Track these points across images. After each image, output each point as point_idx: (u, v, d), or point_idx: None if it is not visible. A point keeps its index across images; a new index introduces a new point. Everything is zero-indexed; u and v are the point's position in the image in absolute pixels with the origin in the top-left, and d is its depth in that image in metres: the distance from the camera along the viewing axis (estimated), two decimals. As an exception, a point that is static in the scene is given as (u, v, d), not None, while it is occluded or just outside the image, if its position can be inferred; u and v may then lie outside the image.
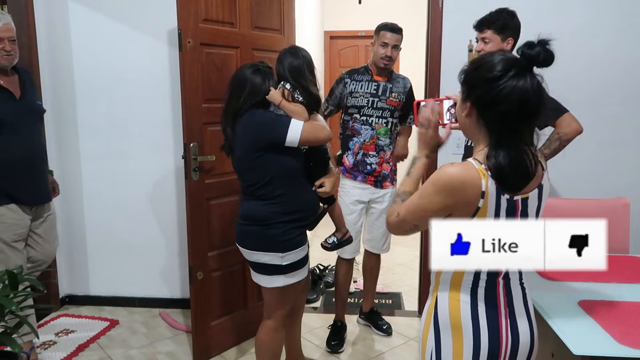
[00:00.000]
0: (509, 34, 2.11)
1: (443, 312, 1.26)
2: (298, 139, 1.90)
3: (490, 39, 2.12)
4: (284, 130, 1.90)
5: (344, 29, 6.04)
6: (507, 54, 1.18)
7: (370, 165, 2.74)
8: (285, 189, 1.97)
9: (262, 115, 1.95)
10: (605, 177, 2.90)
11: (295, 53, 2.06)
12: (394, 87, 2.77)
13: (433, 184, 1.17)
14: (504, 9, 2.13)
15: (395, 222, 1.28)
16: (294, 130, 1.90)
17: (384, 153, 2.76)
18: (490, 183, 1.13)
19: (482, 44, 2.14)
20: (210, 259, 2.62)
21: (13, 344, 1.94)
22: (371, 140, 2.73)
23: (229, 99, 2.01)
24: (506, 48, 2.10)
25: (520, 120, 1.13)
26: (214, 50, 2.52)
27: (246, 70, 1.99)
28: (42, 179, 2.52)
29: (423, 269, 3.17)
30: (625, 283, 1.84)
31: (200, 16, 2.43)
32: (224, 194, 2.63)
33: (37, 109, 2.52)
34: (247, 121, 1.94)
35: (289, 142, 1.91)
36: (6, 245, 2.38)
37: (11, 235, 2.39)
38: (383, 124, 2.74)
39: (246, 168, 2.00)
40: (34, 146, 2.45)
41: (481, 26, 2.14)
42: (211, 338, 2.66)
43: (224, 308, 2.72)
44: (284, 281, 2.01)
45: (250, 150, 1.94)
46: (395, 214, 1.27)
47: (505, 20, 2.10)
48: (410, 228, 1.26)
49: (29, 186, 2.42)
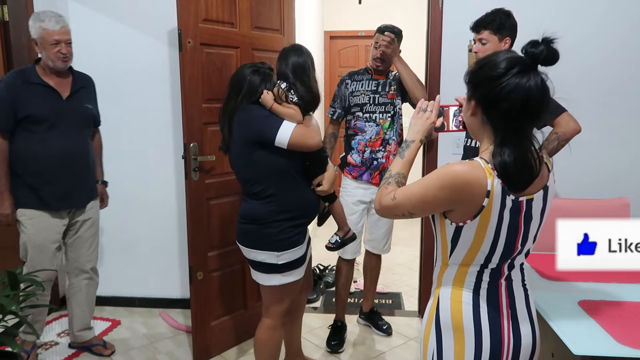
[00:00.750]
0: (506, 34, 2.11)
1: (445, 313, 1.26)
2: (287, 142, 1.90)
3: (488, 40, 2.12)
4: (274, 129, 1.91)
5: (344, 29, 6.04)
6: (512, 53, 1.18)
7: (377, 160, 2.75)
8: (278, 188, 1.97)
9: (256, 111, 1.95)
10: (605, 177, 2.91)
11: (300, 50, 2.08)
12: (393, 81, 2.80)
13: (439, 179, 1.17)
14: (500, 9, 2.14)
15: (389, 205, 1.25)
16: (283, 132, 1.90)
17: (390, 146, 2.76)
18: (497, 183, 1.13)
19: (479, 45, 2.14)
20: (210, 259, 2.62)
21: (13, 344, 1.95)
22: (377, 136, 2.74)
23: (227, 98, 2.02)
24: (504, 48, 2.10)
25: (523, 118, 1.13)
26: (214, 50, 2.52)
27: (245, 70, 2.00)
28: (80, 182, 2.49)
29: (423, 269, 3.17)
30: (625, 283, 1.84)
31: (200, 16, 2.43)
32: (224, 194, 2.63)
33: (85, 112, 2.50)
34: (242, 117, 1.96)
35: (278, 143, 1.91)
36: (36, 248, 2.39)
37: (40, 239, 2.39)
38: (387, 118, 2.75)
39: (240, 165, 2.02)
40: (74, 148, 2.44)
41: (477, 27, 2.14)
42: (211, 338, 2.66)
43: (224, 308, 2.72)
44: (280, 280, 2.02)
45: (244, 146, 1.96)
46: (391, 196, 1.24)
47: (502, 20, 2.10)
48: (403, 214, 1.24)
49: (61, 187, 2.41)
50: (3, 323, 2.01)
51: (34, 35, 2.32)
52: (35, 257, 2.40)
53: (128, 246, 3.27)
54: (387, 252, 2.99)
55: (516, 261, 1.25)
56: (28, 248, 2.40)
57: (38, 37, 2.31)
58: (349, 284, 2.94)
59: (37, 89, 2.34)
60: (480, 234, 1.17)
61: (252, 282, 2.15)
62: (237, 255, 2.22)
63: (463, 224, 1.18)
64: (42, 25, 2.29)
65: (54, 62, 2.33)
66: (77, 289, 2.63)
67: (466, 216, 1.16)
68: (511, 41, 2.12)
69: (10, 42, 2.90)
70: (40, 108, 2.32)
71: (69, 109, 2.41)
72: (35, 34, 2.31)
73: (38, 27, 2.29)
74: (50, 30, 2.29)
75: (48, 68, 2.37)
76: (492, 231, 1.17)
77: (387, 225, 2.88)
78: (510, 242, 1.20)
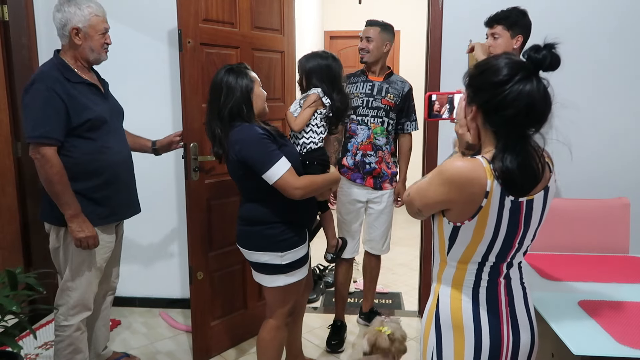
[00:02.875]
0: (518, 31, 2.13)
1: (444, 311, 1.26)
2: (273, 182, 1.87)
3: (500, 35, 2.14)
4: (266, 166, 1.85)
5: (344, 29, 6.04)
6: (513, 57, 1.17)
7: (370, 165, 2.74)
8: (276, 193, 1.94)
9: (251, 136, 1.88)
10: (605, 177, 2.91)
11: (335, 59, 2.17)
12: (391, 87, 2.78)
13: (440, 174, 1.17)
14: (516, 7, 2.17)
15: (406, 202, 1.32)
16: (273, 172, 1.85)
17: (382, 152, 2.76)
18: (496, 184, 1.13)
19: (491, 40, 2.16)
20: (210, 259, 2.62)
21: (13, 344, 1.94)
22: (368, 140, 2.74)
23: (209, 104, 1.98)
24: (515, 45, 2.13)
25: (526, 125, 1.13)
26: (214, 51, 2.52)
27: (220, 73, 1.97)
28: (135, 187, 2.33)
29: (423, 269, 3.17)
30: (625, 283, 1.84)
31: (200, 16, 2.43)
32: (224, 194, 2.63)
33: (120, 108, 2.29)
34: (237, 137, 1.90)
35: (265, 177, 1.87)
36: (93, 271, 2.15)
37: (100, 260, 2.17)
38: (379, 124, 2.75)
39: (237, 177, 2.01)
40: (127, 150, 2.25)
41: (492, 22, 2.17)
42: (211, 338, 2.66)
43: (224, 308, 2.72)
44: (285, 280, 2.02)
45: (238, 164, 1.93)
46: (407, 192, 1.30)
47: (516, 17, 2.13)
48: (415, 211, 1.29)
49: (126, 197, 2.24)
50: (3, 323, 2.01)
51: (78, 23, 2.01)
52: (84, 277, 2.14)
53: (128, 246, 3.25)
54: (386, 252, 2.99)
55: (515, 260, 1.26)
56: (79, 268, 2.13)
57: (85, 25, 2.01)
58: (348, 283, 2.94)
59: (83, 89, 2.05)
60: (478, 233, 1.18)
61: (252, 282, 2.16)
62: (237, 256, 2.21)
63: (461, 224, 1.18)
64: (90, 10, 2.01)
65: (98, 54, 2.08)
66: (103, 307, 2.44)
67: (464, 216, 1.16)
68: (523, 39, 2.14)
69: (10, 42, 2.91)
70: (97, 109, 2.06)
71: (113, 107, 2.20)
72: (82, 21, 2.01)
73: (86, 12, 2.01)
74: (101, 16, 2.05)
75: (84, 61, 2.08)
76: (490, 231, 1.17)
77: (384, 225, 2.88)
78: (509, 241, 1.20)
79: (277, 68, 2.85)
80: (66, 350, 2.17)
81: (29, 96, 1.95)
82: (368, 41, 2.75)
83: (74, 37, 2.03)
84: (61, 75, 2.00)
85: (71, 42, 2.05)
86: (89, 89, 2.09)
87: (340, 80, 2.17)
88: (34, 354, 2.70)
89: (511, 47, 2.12)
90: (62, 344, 2.17)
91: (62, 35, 2.05)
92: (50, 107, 1.93)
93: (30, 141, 1.95)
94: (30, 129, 1.94)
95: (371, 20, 2.84)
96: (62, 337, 2.16)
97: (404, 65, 6.01)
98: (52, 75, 1.98)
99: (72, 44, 2.05)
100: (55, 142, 1.96)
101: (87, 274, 2.13)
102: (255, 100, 1.97)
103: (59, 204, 1.99)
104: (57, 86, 1.95)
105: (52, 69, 2.01)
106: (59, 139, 1.96)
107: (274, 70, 2.82)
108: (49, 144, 1.94)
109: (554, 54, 1.11)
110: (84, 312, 2.18)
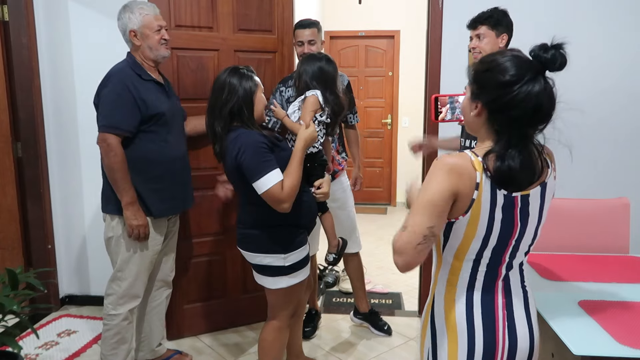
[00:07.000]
0: (503, 30, 2.13)
1: (439, 311, 1.26)
2: (262, 192, 1.85)
3: (485, 35, 2.13)
4: (257, 175, 1.83)
5: (344, 29, 6.04)
6: (519, 54, 1.14)
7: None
8: None
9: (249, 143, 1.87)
10: (605, 177, 2.91)
11: (329, 59, 2.16)
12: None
13: (439, 169, 1.14)
14: (496, 8, 2.17)
15: (404, 241, 1.13)
16: (263, 183, 1.83)
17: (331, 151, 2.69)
18: (485, 177, 1.13)
19: (476, 41, 2.16)
20: (185, 246, 2.70)
21: (13, 344, 1.95)
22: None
23: (210, 103, 1.99)
24: (501, 44, 2.13)
25: (531, 125, 1.13)
26: (187, 54, 2.61)
27: (223, 74, 1.98)
28: (190, 182, 2.41)
29: (423, 269, 3.17)
30: (625, 283, 1.84)
31: (171, 24, 2.52)
32: (207, 187, 2.62)
33: (181, 108, 2.41)
34: (235, 142, 1.89)
35: (254, 186, 1.86)
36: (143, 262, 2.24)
37: (151, 252, 2.25)
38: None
39: (236, 180, 1.99)
40: (185, 146, 2.36)
41: (475, 23, 2.17)
42: (183, 318, 2.82)
43: (200, 294, 2.84)
44: (288, 282, 2.01)
45: (234, 168, 1.91)
46: (400, 230, 1.15)
47: (499, 16, 2.13)
48: (425, 236, 1.12)
49: (181, 191, 2.32)
50: (3, 323, 2.01)
51: (133, 26, 2.16)
52: (134, 267, 2.23)
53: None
54: (359, 249, 2.93)
55: (515, 260, 1.24)
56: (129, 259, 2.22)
57: (140, 26, 2.16)
58: (362, 275, 2.99)
59: (151, 86, 2.19)
60: (471, 228, 1.16)
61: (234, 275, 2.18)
62: (215, 247, 2.22)
63: (455, 219, 1.17)
64: (141, 12, 2.16)
65: (157, 51, 2.19)
66: (158, 302, 2.48)
67: (459, 211, 1.15)
68: (508, 38, 2.14)
69: (10, 42, 2.91)
70: (162, 107, 2.19)
71: (174, 106, 2.31)
72: (136, 24, 2.16)
73: (138, 15, 2.15)
74: (153, 15, 2.18)
75: (149, 60, 2.22)
76: (483, 226, 1.16)
77: (347, 221, 2.81)
78: (504, 239, 1.18)
79: (268, 69, 2.84)
80: (113, 339, 2.23)
81: (106, 89, 2.12)
82: (312, 44, 2.62)
83: (133, 39, 2.19)
84: (133, 72, 2.16)
85: (133, 44, 2.21)
86: (156, 87, 2.22)
87: (335, 82, 2.14)
88: (34, 354, 2.70)
89: (497, 46, 2.12)
90: (109, 332, 2.23)
91: (127, 41, 2.22)
92: (121, 100, 2.09)
93: (100, 130, 2.11)
94: (101, 118, 2.12)
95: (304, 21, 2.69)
96: (109, 326, 2.23)
97: (404, 65, 6.01)
98: (125, 72, 2.15)
99: (134, 47, 2.21)
100: (120, 132, 2.10)
101: (137, 264, 2.23)
102: (257, 104, 1.98)
103: (117, 191, 2.12)
104: (129, 82, 2.11)
105: (126, 66, 2.18)
106: (125, 130, 2.11)
107: (263, 71, 2.80)
108: (115, 133, 2.09)
109: (562, 54, 1.09)
110: (132, 301, 2.25)
